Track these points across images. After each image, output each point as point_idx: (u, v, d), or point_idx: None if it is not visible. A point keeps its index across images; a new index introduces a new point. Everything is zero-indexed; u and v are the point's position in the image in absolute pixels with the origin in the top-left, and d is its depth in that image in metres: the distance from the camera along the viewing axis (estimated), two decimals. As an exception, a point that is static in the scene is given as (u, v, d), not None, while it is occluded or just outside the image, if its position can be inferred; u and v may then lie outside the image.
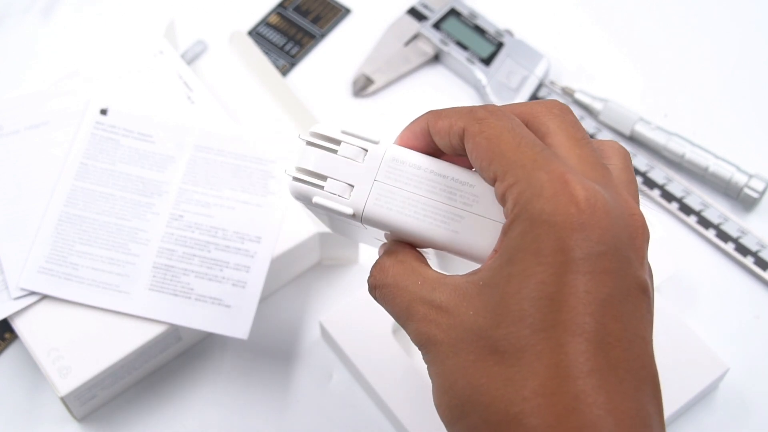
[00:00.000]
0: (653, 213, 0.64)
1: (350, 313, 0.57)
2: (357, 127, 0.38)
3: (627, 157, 0.36)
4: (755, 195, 0.63)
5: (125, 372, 0.55)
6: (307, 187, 0.38)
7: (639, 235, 0.32)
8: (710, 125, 0.68)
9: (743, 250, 0.62)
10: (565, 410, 0.28)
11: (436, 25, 0.70)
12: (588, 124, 0.66)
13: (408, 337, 0.35)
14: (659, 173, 0.64)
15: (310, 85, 0.70)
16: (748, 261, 0.62)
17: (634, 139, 0.66)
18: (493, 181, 0.33)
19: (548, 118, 0.35)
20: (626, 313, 0.30)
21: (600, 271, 0.30)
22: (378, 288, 0.37)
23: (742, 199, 0.64)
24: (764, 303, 0.61)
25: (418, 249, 0.38)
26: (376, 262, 0.38)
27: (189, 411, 0.57)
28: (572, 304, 0.29)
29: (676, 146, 0.65)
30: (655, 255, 0.59)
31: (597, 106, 0.67)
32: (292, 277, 0.61)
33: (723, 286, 0.62)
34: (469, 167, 0.37)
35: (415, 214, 0.37)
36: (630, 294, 0.30)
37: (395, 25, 0.71)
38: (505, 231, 0.32)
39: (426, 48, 0.70)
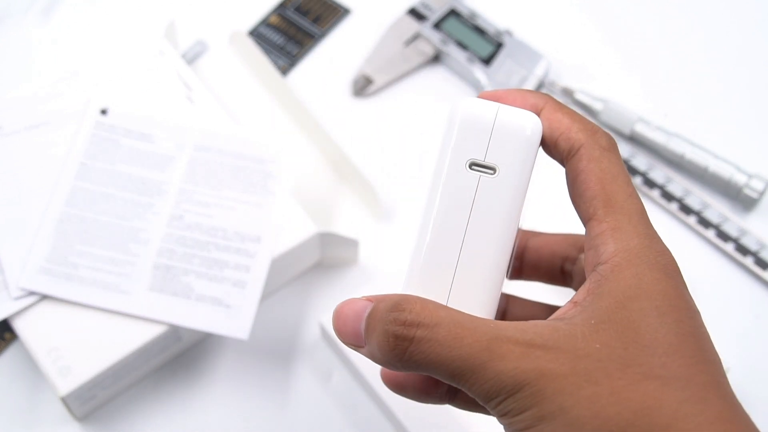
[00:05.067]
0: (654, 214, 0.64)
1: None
2: None
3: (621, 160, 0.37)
4: (755, 195, 0.63)
5: (125, 372, 0.55)
6: None
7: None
8: (710, 125, 0.68)
9: (743, 250, 0.62)
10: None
11: (436, 25, 0.70)
12: (588, 124, 0.66)
13: None
14: (659, 173, 0.64)
15: (310, 85, 0.70)
16: (748, 261, 0.61)
17: (634, 139, 0.66)
18: (588, 215, 0.35)
19: (608, 160, 0.35)
20: None
21: (700, 315, 0.34)
22: (425, 327, 0.32)
23: (742, 199, 0.64)
24: (764, 303, 0.61)
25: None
26: (398, 301, 0.33)
27: (189, 411, 0.57)
28: (706, 343, 0.33)
29: (676, 146, 0.65)
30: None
31: (597, 106, 0.67)
32: (292, 277, 0.61)
33: (723, 286, 0.62)
34: None
35: None
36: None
37: (395, 25, 0.71)
38: (608, 272, 0.33)
39: (426, 48, 0.70)
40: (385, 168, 0.66)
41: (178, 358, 0.58)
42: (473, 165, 0.34)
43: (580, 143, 0.35)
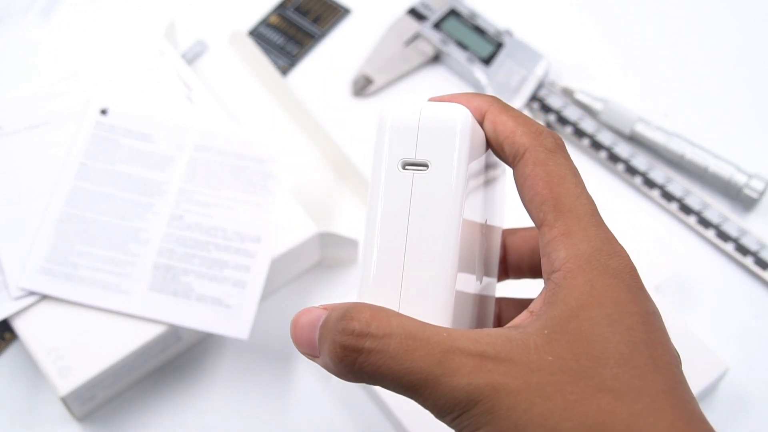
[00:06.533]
0: (653, 214, 0.64)
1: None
2: None
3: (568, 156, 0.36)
4: (755, 195, 0.63)
5: (125, 372, 0.55)
6: None
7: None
8: (710, 125, 0.68)
9: (743, 250, 0.62)
10: None
11: (436, 25, 0.70)
12: (588, 124, 0.66)
13: None
14: (659, 173, 0.64)
15: (310, 85, 0.70)
16: (748, 261, 0.61)
17: (634, 139, 0.66)
18: (539, 221, 0.34)
19: (554, 161, 0.35)
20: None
21: (656, 317, 0.33)
22: (374, 337, 0.31)
23: (742, 199, 0.64)
24: (764, 303, 0.61)
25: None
26: (348, 309, 0.32)
27: (189, 411, 0.57)
28: (659, 348, 0.32)
29: (676, 146, 0.65)
30: (655, 255, 0.59)
31: (597, 106, 0.67)
32: (292, 277, 0.61)
33: (723, 286, 0.62)
34: None
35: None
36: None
37: (395, 25, 0.71)
38: (561, 280, 0.33)
39: (426, 48, 0.70)
40: (385, 168, 0.65)
41: (178, 358, 0.58)
42: (405, 165, 0.34)
43: (524, 147, 0.34)
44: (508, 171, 0.36)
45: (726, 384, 0.57)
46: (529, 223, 0.37)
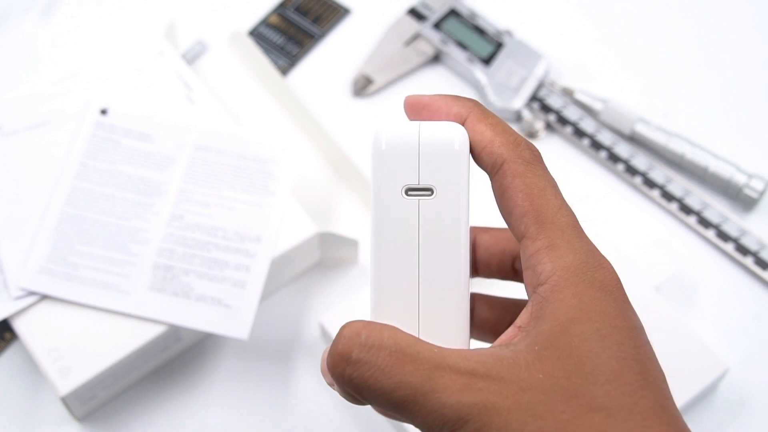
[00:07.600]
0: (653, 214, 0.64)
1: (350, 313, 0.57)
2: None
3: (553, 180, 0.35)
4: (755, 195, 0.63)
5: (125, 372, 0.55)
6: None
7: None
8: (710, 125, 0.68)
9: (743, 250, 0.62)
10: None
11: (436, 25, 0.70)
12: (588, 124, 0.66)
13: None
14: (659, 173, 0.64)
15: (310, 85, 0.70)
16: (748, 261, 0.62)
17: (634, 139, 0.66)
18: (520, 233, 0.34)
19: (532, 172, 0.34)
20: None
21: (642, 331, 0.33)
22: (362, 347, 0.31)
23: (742, 199, 0.64)
24: (764, 303, 0.61)
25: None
26: (347, 325, 0.32)
27: (189, 411, 0.57)
28: (647, 364, 0.32)
29: (676, 146, 0.65)
30: (655, 255, 0.59)
31: (597, 106, 0.67)
32: (292, 277, 0.61)
33: (723, 286, 0.62)
34: None
35: None
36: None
37: (395, 25, 0.71)
38: (548, 293, 0.32)
39: (426, 48, 0.70)
40: (385, 168, 0.65)
41: (178, 358, 0.58)
42: (409, 190, 0.34)
43: (503, 159, 0.34)
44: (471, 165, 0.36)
45: (726, 384, 0.57)
46: (499, 223, 0.36)
